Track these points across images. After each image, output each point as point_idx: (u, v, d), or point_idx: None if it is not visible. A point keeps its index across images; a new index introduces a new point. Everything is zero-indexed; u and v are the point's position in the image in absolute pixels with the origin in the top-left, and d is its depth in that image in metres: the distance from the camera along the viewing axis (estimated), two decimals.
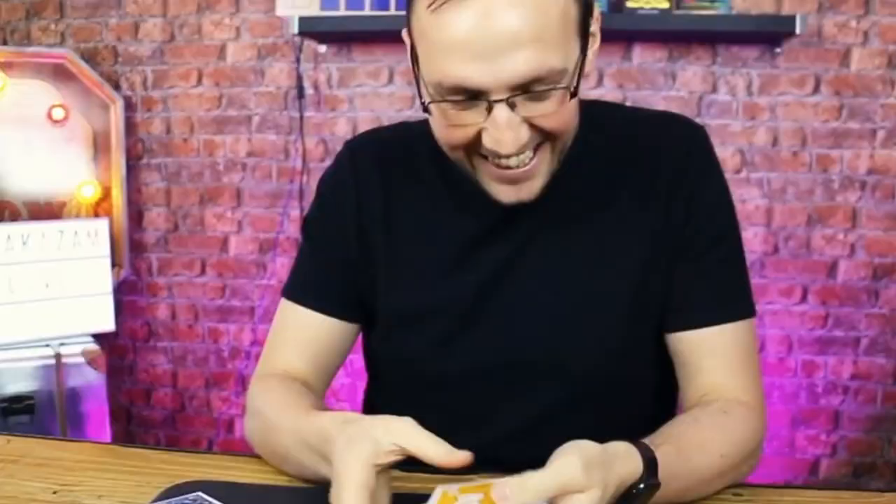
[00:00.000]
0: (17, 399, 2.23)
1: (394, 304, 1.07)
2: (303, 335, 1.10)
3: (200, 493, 0.81)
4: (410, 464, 0.79)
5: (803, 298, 2.60)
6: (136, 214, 2.85)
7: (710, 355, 1.01)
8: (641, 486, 0.78)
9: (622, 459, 0.77)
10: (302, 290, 1.12)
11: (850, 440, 2.64)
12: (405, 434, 0.76)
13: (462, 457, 0.73)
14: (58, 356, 2.29)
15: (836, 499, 0.94)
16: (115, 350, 2.92)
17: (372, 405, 1.23)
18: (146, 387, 2.98)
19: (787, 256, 2.58)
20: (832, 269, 2.58)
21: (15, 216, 2.63)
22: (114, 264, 2.64)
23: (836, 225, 2.55)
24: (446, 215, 1.06)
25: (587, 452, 0.74)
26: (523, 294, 1.03)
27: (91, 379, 2.33)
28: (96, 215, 2.69)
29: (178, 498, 0.80)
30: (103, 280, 2.51)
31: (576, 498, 0.71)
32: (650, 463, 0.79)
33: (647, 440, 0.83)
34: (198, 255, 2.88)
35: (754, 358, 1.03)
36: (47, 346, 2.34)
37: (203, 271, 2.89)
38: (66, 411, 2.28)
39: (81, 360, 2.30)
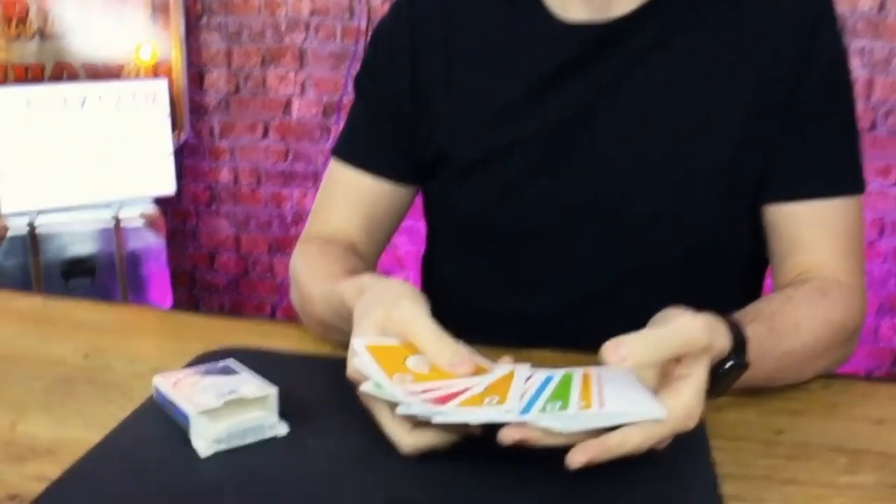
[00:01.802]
0: (77, 262, 2.22)
1: (455, 150, 0.97)
2: (352, 197, 1.02)
3: (230, 361, 0.74)
4: None
5: None
6: (196, 76, 2.77)
7: (812, 231, 0.89)
8: (728, 365, 0.69)
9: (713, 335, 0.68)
10: (352, 148, 1.03)
11: None
12: (407, 324, 0.67)
13: (466, 368, 0.63)
14: (117, 219, 2.26)
15: None
16: (177, 214, 2.90)
17: (431, 269, 1.15)
18: (209, 251, 2.97)
19: (885, 133, 2.38)
20: None
21: (73, 77, 2.57)
22: (174, 127, 2.59)
23: None
24: (515, 51, 0.94)
25: (703, 314, 0.65)
26: (604, 139, 0.91)
27: (150, 242, 2.30)
28: (155, 77, 2.62)
29: (206, 364, 0.73)
30: (163, 142, 2.45)
31: (699, 359, 0.62)
32: (739, 340, 0.70)
33: (736, 316, 0.73)
34: (260, 117, 2.80)
35: (860, 239, 0.91)
36: (107, 208, 2.31)
37: (266, 134, 2.81)
38: (126, 274, 2.27)
39: (141, 223, 2.27)
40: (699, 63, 0.90)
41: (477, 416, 0.58)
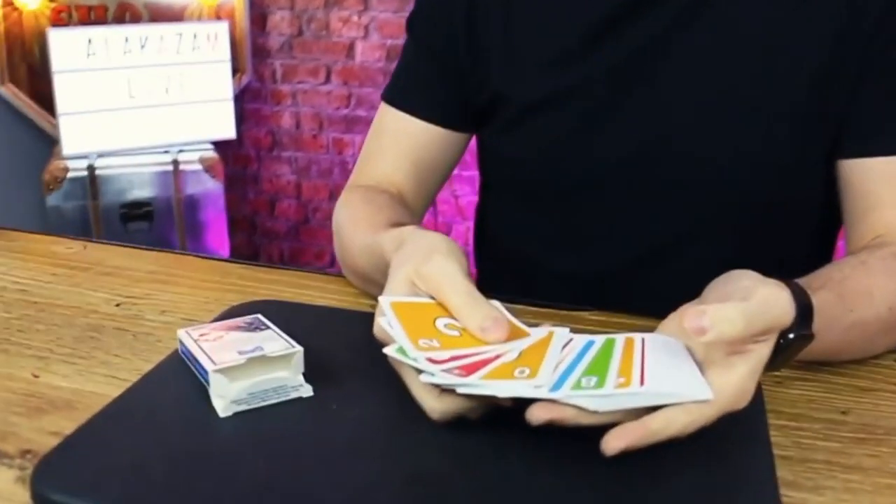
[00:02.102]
0: (136, 205, 2.23)
1: (511, 94, 0.92)
2: (401, 144, 0.97)
3: (259, 316, 0.70)
4: None
5: None
6: (258, 18, 2.74)
7: (891, 189, 0.82)
8: (791, 335, 0.62)
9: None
10: (402, 92, 0.98)
11: None
12: (437, 282, 0.61)
13: (498, 334, 0.57)
14: (175, 163, 2.26)
15: None
16: (238, 159, 2.90)
17: (483, 221, 1.11)
18: (270, 197, 2.96)
19: None
20: None
21: (136, 18, 2.56)
22: (236, 70, 2.56)
23: None
24: None
25: (781, 284, 0.59)
26: (665, 85, 0.85)
27: (209, 187, 2.30)
28: (217, 18, 2.59)
29: (233, 319, 0.70)
30: (224, 85, 2.43)
31: (769, 336, 0.57)
32: (804, 309, 0.62)
33: (801, 281, 0.66)
34: (323, 61, 2.76)
35: None
36: (166, 152, 2.30)
37: (328, 79, 2.77)
38: (184, 219, 2.27)
39: (199, 167, 2.26)
40: (770, 7, 0.82)
41: (503, 389, 0.53)
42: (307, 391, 0.64)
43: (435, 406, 0.57)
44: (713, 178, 0.86)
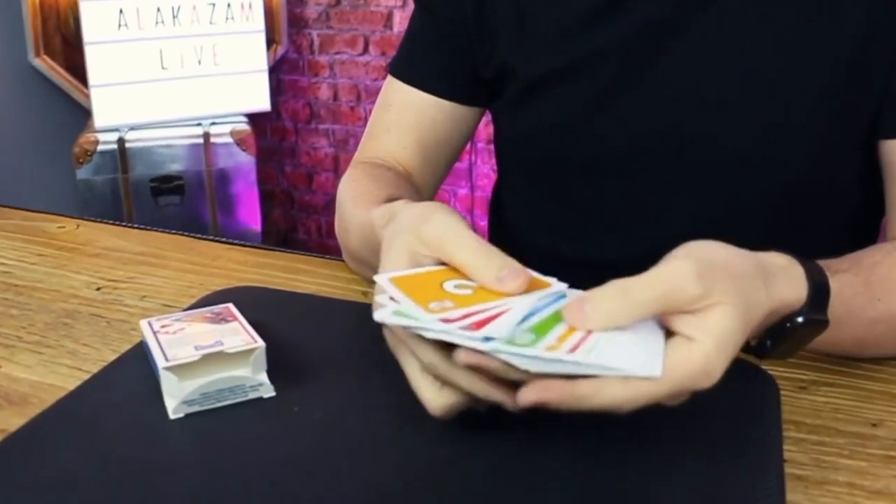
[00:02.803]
0: (166, 179, 2.20)
1: (520, 69, 0.85)
2: (408, 119, 0.91)
3: (230, 306, 0.65)
4: None
5: None
6: None
7: None
8: (799, 319, 0.55)
9: (779, 277, 0.54)
10: (409, 64, 0.92)
11: None
12: (442, 240, 0.54)
13: (517, 282, 0.50)
14: (206, 136, 2.22)
15: None
16: (275, 132, 2.86)
17: (499, 201, 1.05)
18: (308, 171, 2.92)
19: None
20: None
21: None
22: (271, 41, 2.52)
23: None
24: None
25: (709, 253, 0.51)
26: (687, 58, 0.77)
27: (240, 160, 2.25)
28: None
29: (203, 309, 0.65)
30: (258, 57, 2.39)
31: (701, 314, 0.48)
32: (818, 289, 0.55)
33: (822, 262, 0.59)
34: (360, 31, 2.69)
35: None
36: (198, 125, 2.27)
37: (366, 49, 2.71)
38: (216, 193, 2.24)
39: (230, 140, 2.22)
40: None
41: (438, 332, 0.46)
42: (268, 391, 0.58)
43: (436, 401, 0.51)
44: (738, 160, 0.78)
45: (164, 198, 2.20)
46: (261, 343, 0.58)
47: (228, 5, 2.30)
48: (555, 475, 0.50)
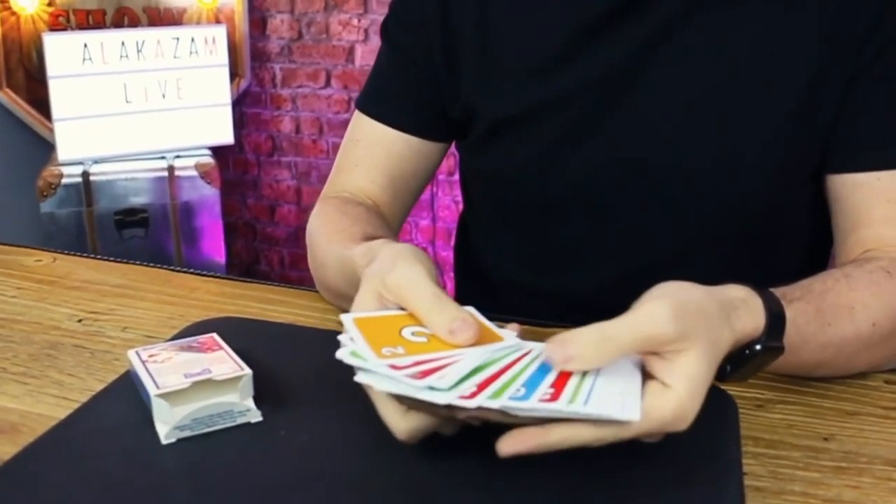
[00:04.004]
0: (131, 212, 2.20)
1: (489, 108, 0.88)
2: (375, 154, 0.94)
3: (214, 335, 0.68)
4: None
5: None
6: (258, 21, 2.72)
7: (884, 204, 0.78)
8: (758, 347, 0.59)
9: (740, 310, 0.58)
10: (376, 100, 0.95)
11: None
12: (402, 289, 0.58)
13: (467, 334, 0.53)
14: (171, 169, 2.23)
15: None
16: (237, 164, 2.88)
17: (465, 236, 1.08)
18: (270, 203, 2.94)
19: None
20: None
21: (134, 22, 2.54)
22: (234, 74, 2.54)
23: None
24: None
25: (683, 295, 0.55)
26: (649, 98, 0.81)
27: (205, 193, 2.27)
28: (216, 22, 2.57)
29: (188, 339, 0.67)
30: (222, 90, 2.41)
31: (675, 359, 0.52)
32: (775, 319, 0.60)
33: (778, 291, 0.63)
34: (323, 65, 2.73)
35: None
36: (162, 158, 2.28)
37: (328, 83, 2.75)
38: (180, 225, 2.25)
39: (194, 172, 2.23)
40: (759, 17, 0.79)
41: (383, 377, 0.50)
42: (256, 416, 0.61)
43: (400, 425, 0.54)
44: (701, 191, 0.82)
45: (129, 230, 2.21)
46: (248, 370, 0.61)
47: (192, 39, 2.33)
48: (532, 492, 0.53)
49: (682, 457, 0.57)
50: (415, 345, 0.54)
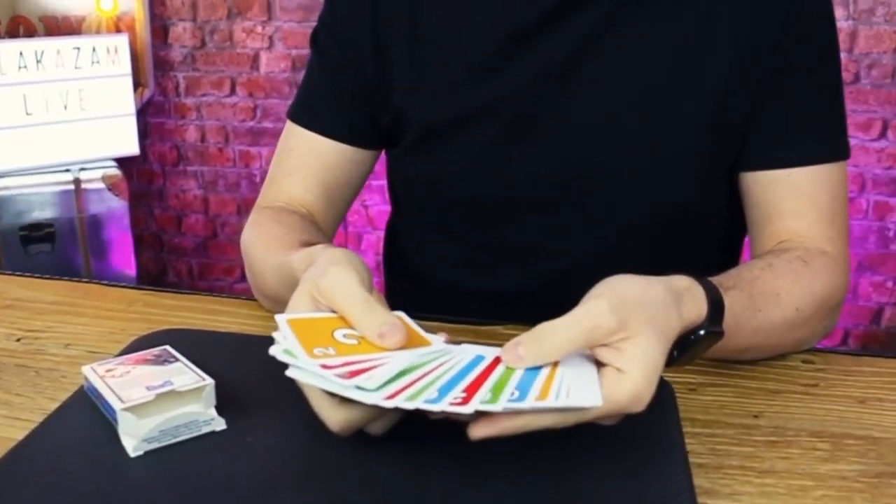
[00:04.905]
0: (36, 227, 2.14)
1: (420, 114, 0.90)
2: (309, 163, 0.95)
3: (167, 348, 0.68)
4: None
5: (882, 134, 2.36)
6: (159, 30, 2.67)
7: (794, 199, 0.84)
8: (701, 332, 0.64)
9: (685, 298, 0.63)
10: (307, 110, 0.96)
11: None
12: (333, 293, 0.60)
13: (396, 339, 0.57)
14: (77, 181, 2.18)
15: None
16: (142, 175, 2.82)
17: (395, 241, 1.10)
18: (177, 213, 2.90)
19: (868, 86, 2.33)
20: None
21: (31, 32, 2.47)
22: (137, 84, 2.50)
23: None
24: (483, 6, 0.87)
25: (622, 288, 0.59)
26: (576, 102, 0.85)
27: (112, 205, 2.23)
28: (117, 31, 2.52)
29: (142, 352, 0.68)
30: (126, 101, 2.36)
31: (624, 346, 0.56)
32: (716, 306, 0.65)
33: (714, 280, 0.68)
34: (227, 73, 2.71)
35: (845, 206, 0.86)
36: (67, 171, 2.22)
37: (233, 91, 2.73)
38: (88, 239, 2.20)
39: (101, 185, 2.19)
40: (678, 22, 0.83)
41: (313, 375, 0.53)
42: (220, 424, 0.62)
43: (333, 417, 0.56)
44: (629, 189, 0.87)
45: (35, 246, 2.14)
46: (210, 380, 0.62)
47: (94, 49, 2.27)
48: (496, 479, 0.56)
49: (630, 441, 0.61)
50: (345, 346, 0.57)
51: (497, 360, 0.57)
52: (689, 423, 0.68)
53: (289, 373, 0.55)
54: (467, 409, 0.50)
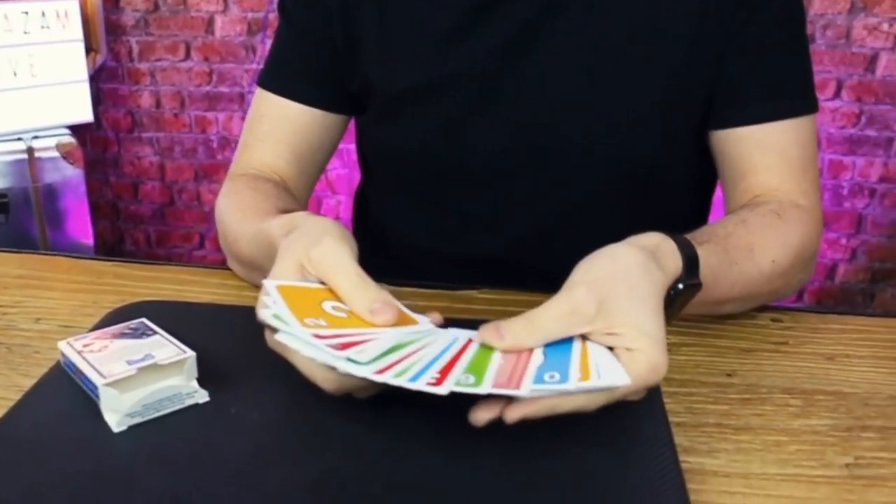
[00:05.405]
0: None
1: (387, 83, 0.90)
2: (281, 129, 0.94)
3: (144, 320, 0.67)
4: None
5: (837, 94, 2.40)
6: None
7: (766, 154, 0.85)
8: (680, 286, 0.65)
9: (659, 253, 0.64)
10: (278, 76, 0.95)
11: (871, 245, 2.53)
12: (326, 265, 0.61)
13: (387, 316, 0.58)
14: (30, 150, 2.13)
15: (887, 327, 0.83)
16: (96, 142, 2.77)
17: (364, 207, 1.10)
18: (133, 180, 2.85)
19: (823, 47, 2.36)
20: (872, 62, 2.36)
21: None
22: (89, 49, 2.44)
23: (881, 14, 2.31)
24: None
25: (596, 270, 0.61)
26: (544, 67, 0.86)
27: (67, 174, 2.18)
28: None
29: (119, 326, 0.67)
30: (78, 66, 2.31)
31: (622, 331, 0.57)
32: (690, 259, 0.66)
33: (688, 235, 0.70)
34: (181, 37, 2.65)
35: (814, 159, 0.88)
36: (19, 139, 2.17)
37: (188, 55, 2.67)
38: (43, 208, 2.15)
39: (56, 153, 2.14)
40: None
41: (305, 344, 0.54)
42: (203, 396, 0.62)
43: (327, 376, 0.56)
44: (596, 151, 0.88)
45: None
46: (191, 353, 0.62)
47: (43, 13, 2.21)
48: (483, 448, 0.57)
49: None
50: (336, 319, 0.57)
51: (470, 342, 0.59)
52: (665, 383, 0.68)
53: (279, 337, 0.55)
54: (441, 391, 0.51)
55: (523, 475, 0.55)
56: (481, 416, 0.54)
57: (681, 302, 0.66)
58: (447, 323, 0.64)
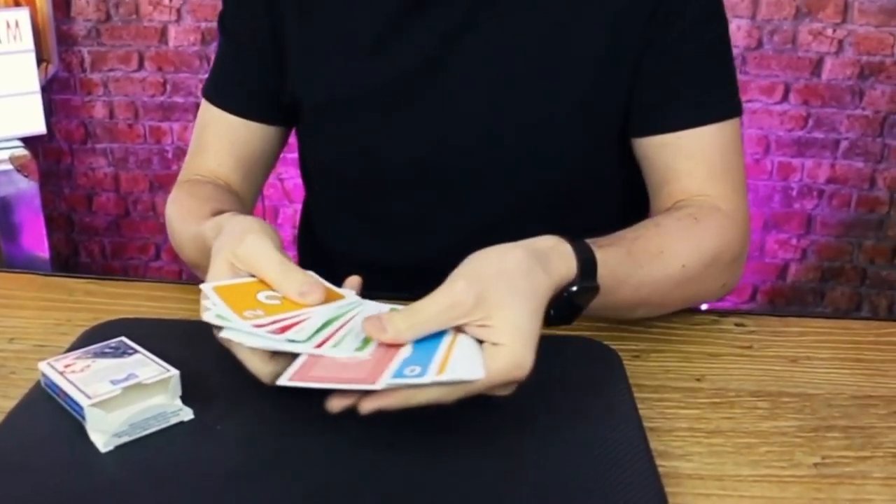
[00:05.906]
0: None
1: (311, 96, 0.93)
2: (223, 139, 0.98)
3: (124, 339, 0.68)
4: None
5: (785, 97, 2.46)
6: (61, 3, 2.57)
7: (686, 160, 0.86)
8: (574, 288, 0.67)
9: (552, 256, 0.66)
10: (219, 90, 0.99)
11: (821, 245, 2.60)
12: (253, 259, 0.65)
13: (316, 296, 0.62)
14: None
15: (846, 329, 0.86)
16: (49, 154, 2.73)
17: (307, 217, 1.14)
18: (87, 192, 2.81)
19: (770, 52, 2.42)
20: (817, 66, 2.43)
21: None
22: (41, 60, 2.40)
23: (825, 19, 2.37)
24: None
25: (477, 266, 0.63)
26: (462, 79, 0.87)
27: (22, 186, 2.14)
28: (16, 4, 2.41)
29: (98, 345, 0.67)
30: (29, 77, 2.27)
31: (492, 323, 0.59)
32: (586, 262, 0.68)
33: (589, 240, 0.71)
34: (134, 47, 2.63)
35: (739, 162, 0.89)
36: None
37: (141, 65, 2.65)
38: None
39: (9, 166, 2.11)
40: None
41: (248, 335, 0.59)
42: (188, 414, 0.62)
43: (265, 370, 0.60)
44: (518, 159, 0.89)
45: None
46: (175, 371, 0.62)
47: None
48: (467, 454, 0.59)
49: (586, 412, 0.64)
50: (271, 306, 0.62)
51: None
52: (637, 389, 0.71)
53: (223, 334, 0.60)
54: (377, 386, 0.54)
55: (506, 483, 0.56)
56: (335, 404, 0.57)
57: (577, 305, 0.68)
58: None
